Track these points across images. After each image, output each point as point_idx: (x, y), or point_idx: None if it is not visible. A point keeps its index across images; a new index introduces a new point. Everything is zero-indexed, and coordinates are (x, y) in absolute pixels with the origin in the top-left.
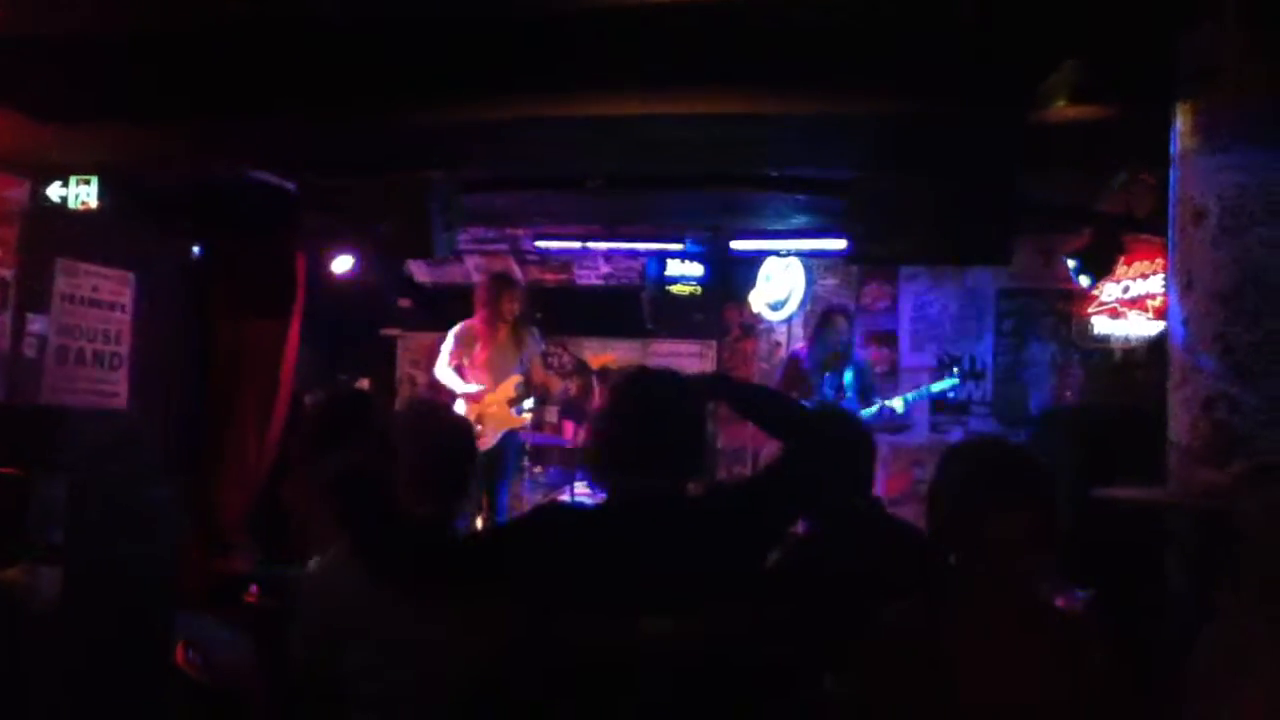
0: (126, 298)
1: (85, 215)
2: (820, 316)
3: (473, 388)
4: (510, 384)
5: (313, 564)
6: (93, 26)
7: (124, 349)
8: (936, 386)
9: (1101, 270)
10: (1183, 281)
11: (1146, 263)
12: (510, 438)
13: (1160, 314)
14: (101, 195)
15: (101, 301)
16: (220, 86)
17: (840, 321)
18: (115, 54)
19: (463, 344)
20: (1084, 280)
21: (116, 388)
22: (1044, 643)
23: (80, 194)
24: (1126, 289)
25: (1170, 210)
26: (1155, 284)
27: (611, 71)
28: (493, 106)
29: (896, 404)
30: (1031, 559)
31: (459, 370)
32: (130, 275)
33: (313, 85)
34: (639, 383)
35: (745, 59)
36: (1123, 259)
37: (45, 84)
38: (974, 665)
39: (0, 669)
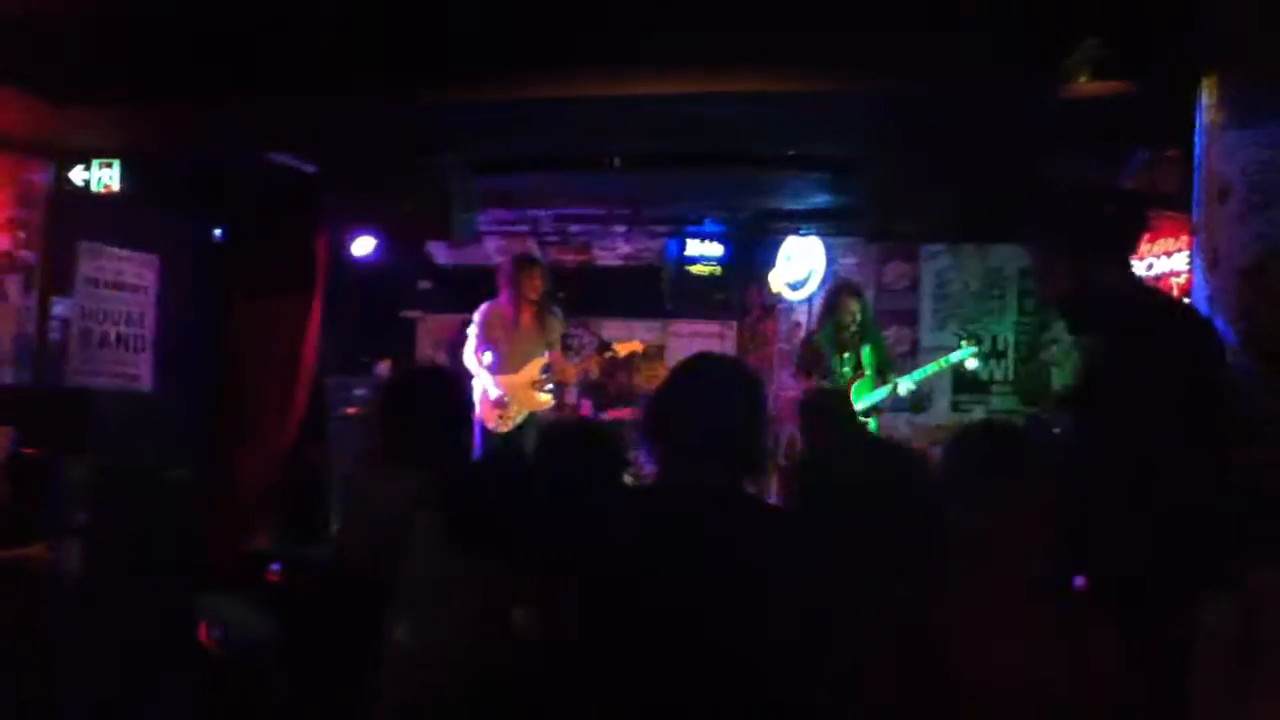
0: (149, 280)
1: (108, 198)
2: (828, 295)
3: (495, 391)
4: (535, 366)
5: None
6: (103, 6)
7: (147, 331)
8: (955, 357)
9: (1127, 248)
10: (1208, 258)
11: (1171, 240)
12: (533, 419)
13: (1185, 291)
14: (124, 178)
15: (125, 284)
16: (236, 67)
17: (849, 301)
18: (131, 35)
19: (488, 328)
20: None
21: (140, 370)
22: (1047, 625)
23: (103, 177)
24: (1150, 266)
25: (1195, 187)
26: (1180, 261)
27: (626, 51)
28: (507, 87)
29: (903, 387)
30: (1036, 540)
31: (484, 356)
32: (153, 258)
33: (330, 65)
34: (704, 365)
35: (760, 36)
36: (1147, 236)
37: (63, 67)
38: (974, 647)
39: (24, 644)
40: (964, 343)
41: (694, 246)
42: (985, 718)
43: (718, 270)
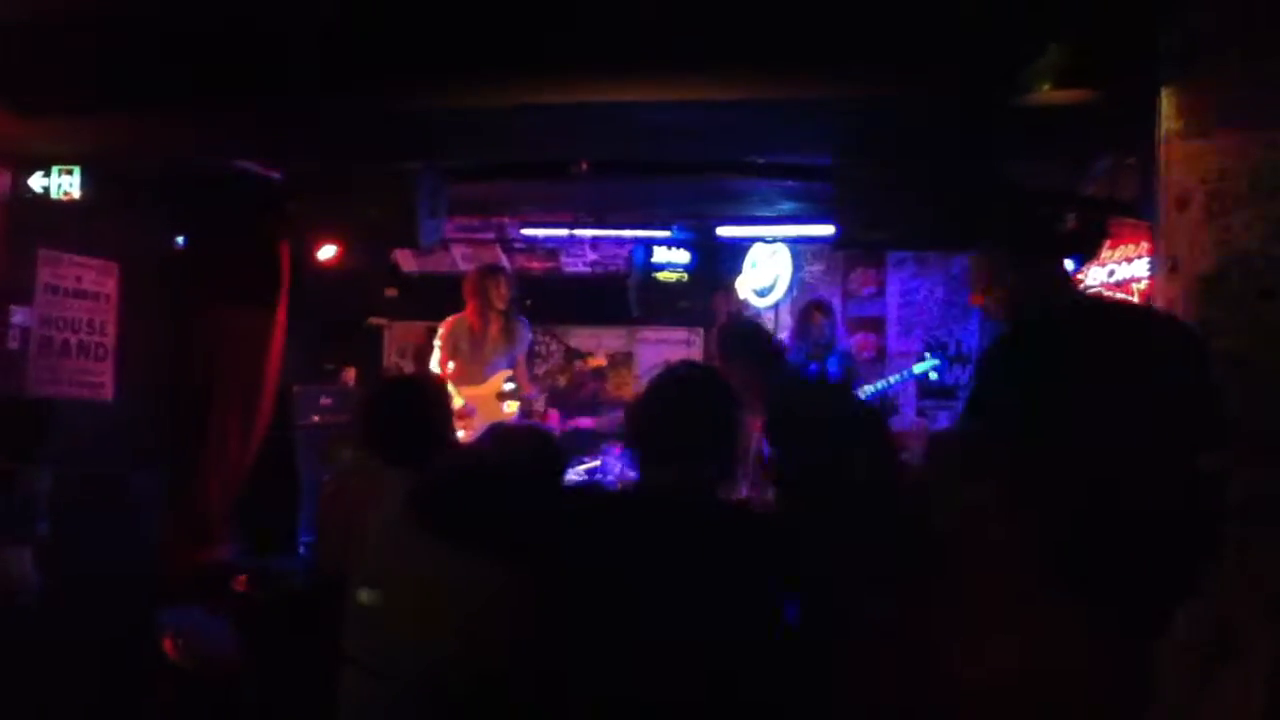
0: (111, 288)
1: (68, 205)
2: (800, 313)
3: (460, 401)
4: (500, 378)
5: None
6: (68, 10)
7: (109, 340)
8: (918, 369)
9: (1087, 254)
10: (1168, 265)
11: (1131, 246)
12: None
13: (1146, 298)
14: (84, 185)
15: (86, 292)
16: (202, 73)
17: (818, 317)
18: (96, 40)
19: (454, 339)
20: (1069, 264)
21: (102, 379)
22: (1039, 625)
23: (63, 184)
24: (1112, 273)
25: (1155, 194)
26: (1141, 268)
27: (592, 58)
28: (474, 94)
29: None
30: (1019, 544)
31: (449, 367)
32: (114, 265)
33: (298, 71)
34: (682, 374)
35: (726, 43)
36: (1108, 243)
37: (24, 73)
38: (966, 648)
39: None
40: (926, 354)
41: (661, 254)
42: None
43: (685, 277)
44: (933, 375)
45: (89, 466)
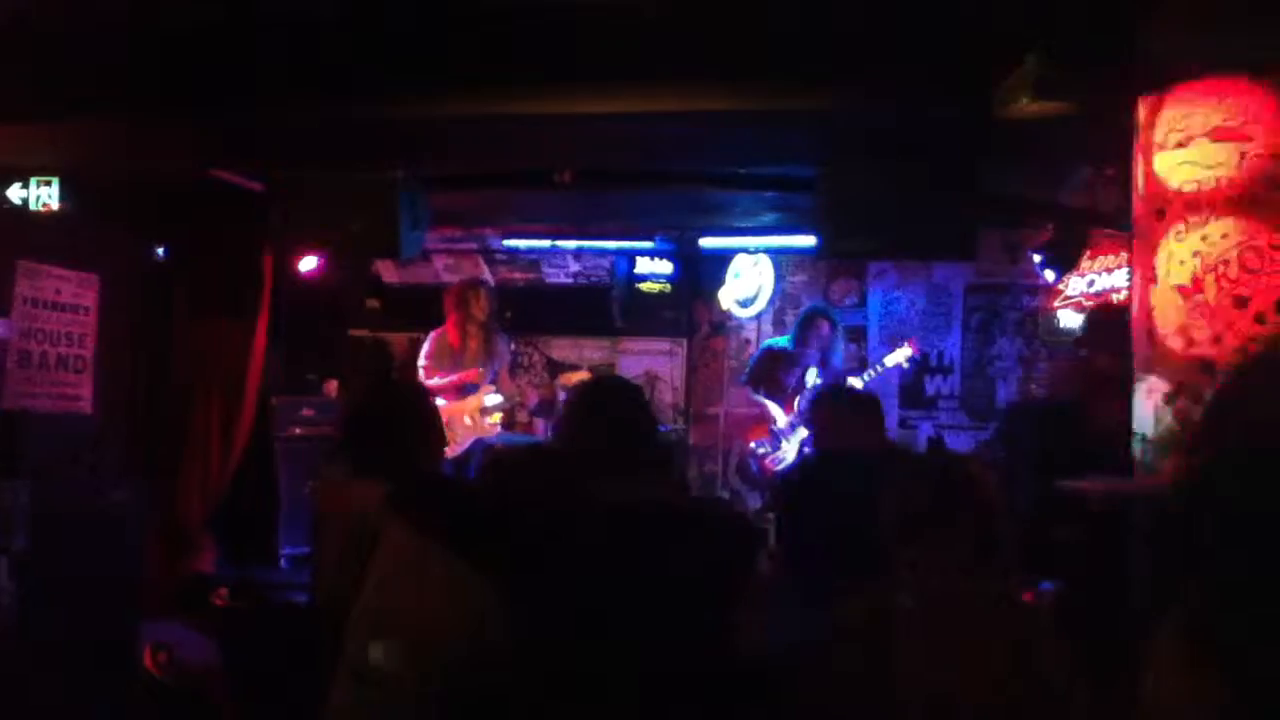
0: (90, 300)
1: (47, 217)
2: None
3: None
4: (482, 393)
5: None
6: (41, 18)
7: (88, 352)
8: (889, 360)
9: (1067, 264)
10: (1145, 275)
11: (1111, 257)
12: (478, 445)
13: (1125, 307)
14: (63, 197)
15: (64, 304)
16: (178, 82)
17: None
18: (70, 50)
19: (438, 354)
20: (1049, 275)
21: (80, 391)
22: (996, 637)
23: (42, 195)
24: (1091, 283)
25: (1133, 205)
26: (1120, 278)
27: (573, 68)
28: (456, 103)
29: None
30: (978, 564)
31: (431, 383)
32: (94, 277)
33: (276, 79)
34: (590, 389)
35: (706, 54)
36: (1087, 253)
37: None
38: (925, 660)
39: None
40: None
41: (644, 264)
42: None
43: (667, 288)
44: (905, 365)
45: (68, 479)
